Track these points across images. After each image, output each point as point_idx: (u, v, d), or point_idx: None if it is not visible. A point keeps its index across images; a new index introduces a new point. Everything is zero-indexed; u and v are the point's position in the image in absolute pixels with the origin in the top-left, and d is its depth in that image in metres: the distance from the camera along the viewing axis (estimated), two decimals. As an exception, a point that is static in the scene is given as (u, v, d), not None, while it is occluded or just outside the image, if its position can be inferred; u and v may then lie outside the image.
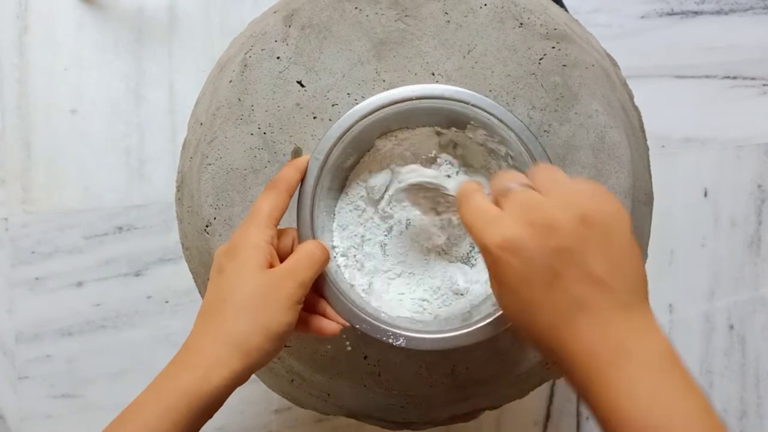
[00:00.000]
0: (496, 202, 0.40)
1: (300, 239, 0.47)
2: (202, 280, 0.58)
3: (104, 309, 0.91)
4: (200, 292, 0.60)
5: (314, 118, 0.54)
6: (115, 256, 0.92)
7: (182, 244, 0.60)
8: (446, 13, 0.55)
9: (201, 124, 0.57)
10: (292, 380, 0.57)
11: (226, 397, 0.43)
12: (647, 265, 0.59)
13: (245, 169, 0.54)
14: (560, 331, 0.37)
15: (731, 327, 0.93)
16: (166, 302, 0.91)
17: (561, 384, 0.91)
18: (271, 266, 0.44)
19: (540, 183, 0.40)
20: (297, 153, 0.50)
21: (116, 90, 0.94)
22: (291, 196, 0.47)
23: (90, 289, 0.92)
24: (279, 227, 0.46)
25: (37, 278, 0.91)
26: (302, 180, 0.48)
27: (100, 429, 0.40)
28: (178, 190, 0.60)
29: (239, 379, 0.42)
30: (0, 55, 0.93)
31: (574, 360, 0.37)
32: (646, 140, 0.60)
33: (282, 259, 0.45)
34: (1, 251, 0.91)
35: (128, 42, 0.94)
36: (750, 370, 0.93)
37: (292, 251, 0.46)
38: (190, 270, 0.60)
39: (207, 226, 0.54)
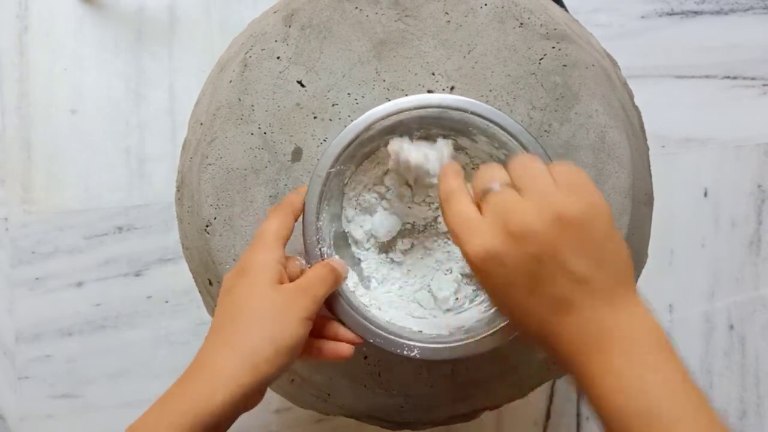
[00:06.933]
0: (478, 204, 0.40)
1: (307, 256, 0.47)
2: (202, 280, 0.58)
3: (104, 309, 0.91)
4: (200, 292, 0.60)
5: (314, 117, 0.54)
6: (115, 256, 0.92)
7: (182, 244, 0.60)
8: (446, 13, 0.55)
9: (201, 124, 0.57)
10: (292, 380, 0.57)
11: (234, 417, 0.41)
12: (647, 266, 0.60)
13: (245, 169, 0.54)
14: (550, 328, 0.38)
15: (731, 327, 0.93)
16: (166, 302, 0.91)
17: (561, 384, 0.91)
18: (282, 283, 0.43)
19: (517, 179, 0.40)
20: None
21: (116, 90, 0.94)
22: (296, 219, 0.47)
23: (90, 289, 0.91)
24: (287, 254, 0.46)
25: (37, 278, 0.91)
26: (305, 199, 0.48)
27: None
28: (178, 190, 0.60)
29: (247, 396, 0.41)
30: (0, 55, 0.93)
31: (566, 355, 0.38)
32: (646, 140, 0.60)
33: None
34: (1, 251, 0.91)
35: (128, 42, 0.94)
36: (750, 370, 0.93)
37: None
38: (190, 270, 0.60)
39: (207, 226, 0.54)
